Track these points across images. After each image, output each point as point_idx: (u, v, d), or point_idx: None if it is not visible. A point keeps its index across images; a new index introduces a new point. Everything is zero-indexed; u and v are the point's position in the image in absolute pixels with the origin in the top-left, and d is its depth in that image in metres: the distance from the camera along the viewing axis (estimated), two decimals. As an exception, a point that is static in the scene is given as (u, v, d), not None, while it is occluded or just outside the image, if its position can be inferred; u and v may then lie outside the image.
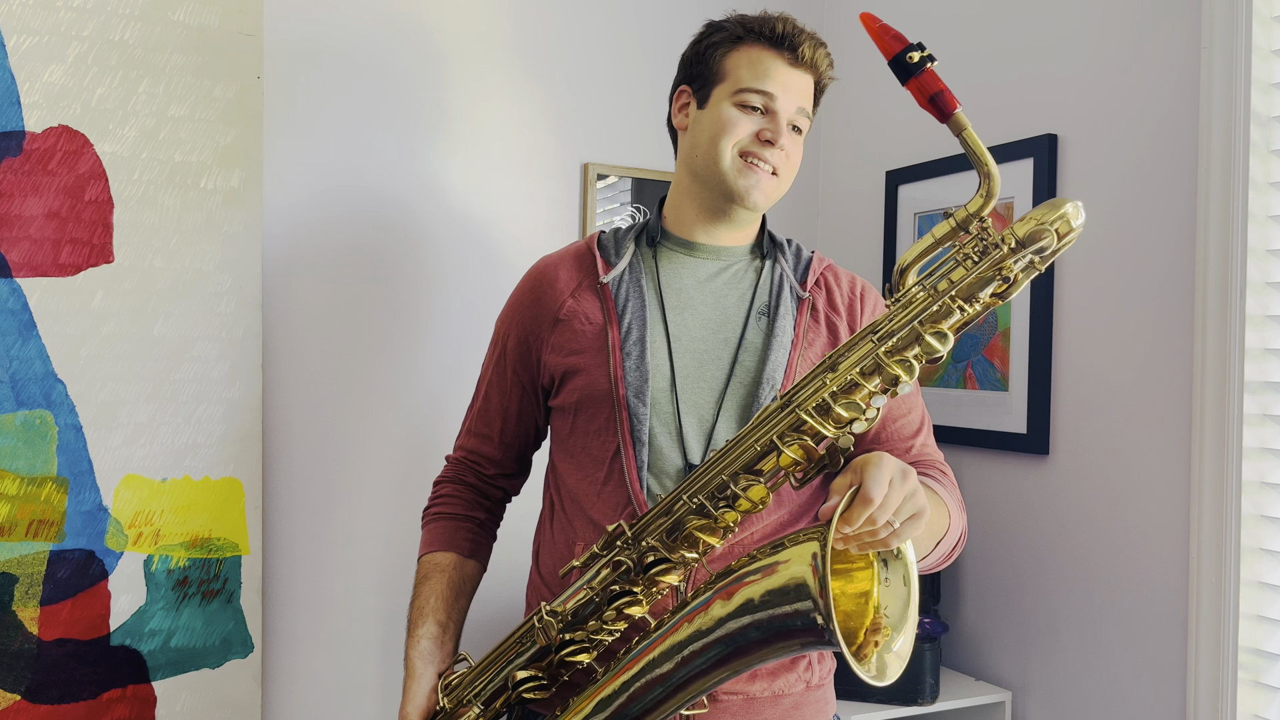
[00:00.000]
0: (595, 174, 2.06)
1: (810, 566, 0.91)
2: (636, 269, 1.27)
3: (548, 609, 1.07)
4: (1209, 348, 1.55)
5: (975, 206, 0.90)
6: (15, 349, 1.53)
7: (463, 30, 1.94)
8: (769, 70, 1.22)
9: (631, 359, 1.21)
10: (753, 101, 1.22)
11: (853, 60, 2.29)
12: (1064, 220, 0.90)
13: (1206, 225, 1.55)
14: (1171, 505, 1.62)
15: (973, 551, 1.97)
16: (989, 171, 0.90)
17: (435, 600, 1.24)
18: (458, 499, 1.35)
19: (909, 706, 1.80)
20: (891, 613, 1.00)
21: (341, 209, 1.85)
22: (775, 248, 1.32)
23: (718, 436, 1.21)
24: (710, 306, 1.26)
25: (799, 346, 1.24)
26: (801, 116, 1.25)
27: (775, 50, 1.22)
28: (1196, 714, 1.56)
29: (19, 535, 1.53)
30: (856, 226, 2.27)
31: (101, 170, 1.58)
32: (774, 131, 1.22)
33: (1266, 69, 1.52)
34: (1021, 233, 0.90)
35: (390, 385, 1.90)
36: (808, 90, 1.25)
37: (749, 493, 1.01)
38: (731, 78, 1.23)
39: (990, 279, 0.93)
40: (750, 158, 1.22)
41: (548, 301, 1.29)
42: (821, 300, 1.29)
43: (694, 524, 1.03)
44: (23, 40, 1.52)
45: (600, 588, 1.06)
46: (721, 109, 1.23)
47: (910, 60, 0.92)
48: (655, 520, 1.05)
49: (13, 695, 1.53)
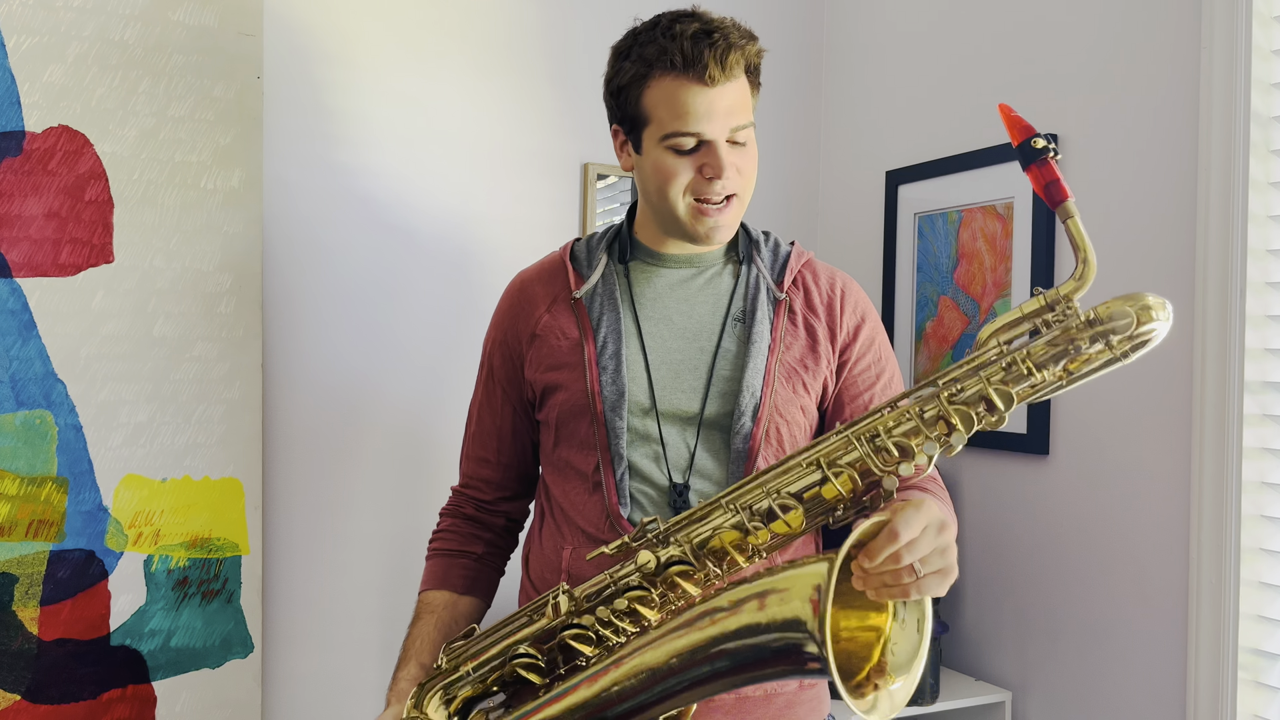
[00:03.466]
0: (595, 174, 2.06)
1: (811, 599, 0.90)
2: (609, 281, 1.25)
3: (566, 587, 1.06)
4: (1209, 348, 1.55)
5: (1067, 290, 0.92)
6: (15, 349, 1.53)
7: (463, 30, 1.94)
8: (687, 105, 1.13)
9: (608, 373, 1.20)
10: (684, 145, 1.15)
11: (853, 61, 2.29)
12: (1146, 310, 0.90)
13: (1206, 225, 1.55)
14: (1171, 505, 1.62)
15: (973, 551, 1.97)
16: (1087, 259, 0.92)
17: (421, 642, 1.23)
18: (454, 534, 1.34)
19: (909, 706, 1.80)
20: (899, 653, 0.97)
21: (341, 209, 1.85)
22: (751, 245, 1.28)
23: (698, 449, 1.20)
24: (685, 315, 1.24)
25: (776, 351, 1.21)
26: (741, 125, 1.17)
27: (686, 78, 1.13)
28: (1196, 714, 1.56)
29: (19, 535, 1.53)
30: (856, 226, 2.27)
31: (101, 170, 1.58)
32: (714, 166, 1.15)
33: (1266, 69, 1.52)
34: (1100, 312, 0.91)
35: (390, 385, 1.90)
36: (736, 99, 1.16)
37: (788, 516, 0.99)
38: (655, 121, 1.16)
39: (1063, 352, 0.92)
40: (703, 201, 1.17)
41: (524, 318, 1.28)
42: (799, 301, 1.25)
43: (726, 537, 1.01)
44: (23, 40, 1.52)
45: (619, 579, 1.04)
46: (657, 156, 1.17)
47: (1035, 146, 0.93)
48: (688, 524, 1.03)
49: (13, 695, 1.53)
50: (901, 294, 2.12)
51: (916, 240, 2.09)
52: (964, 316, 1.98)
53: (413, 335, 1.91)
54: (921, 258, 2.08)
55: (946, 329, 2.02)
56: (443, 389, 1.92)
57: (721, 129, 1.15)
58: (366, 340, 1.87)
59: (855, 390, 1.26)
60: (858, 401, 1.25)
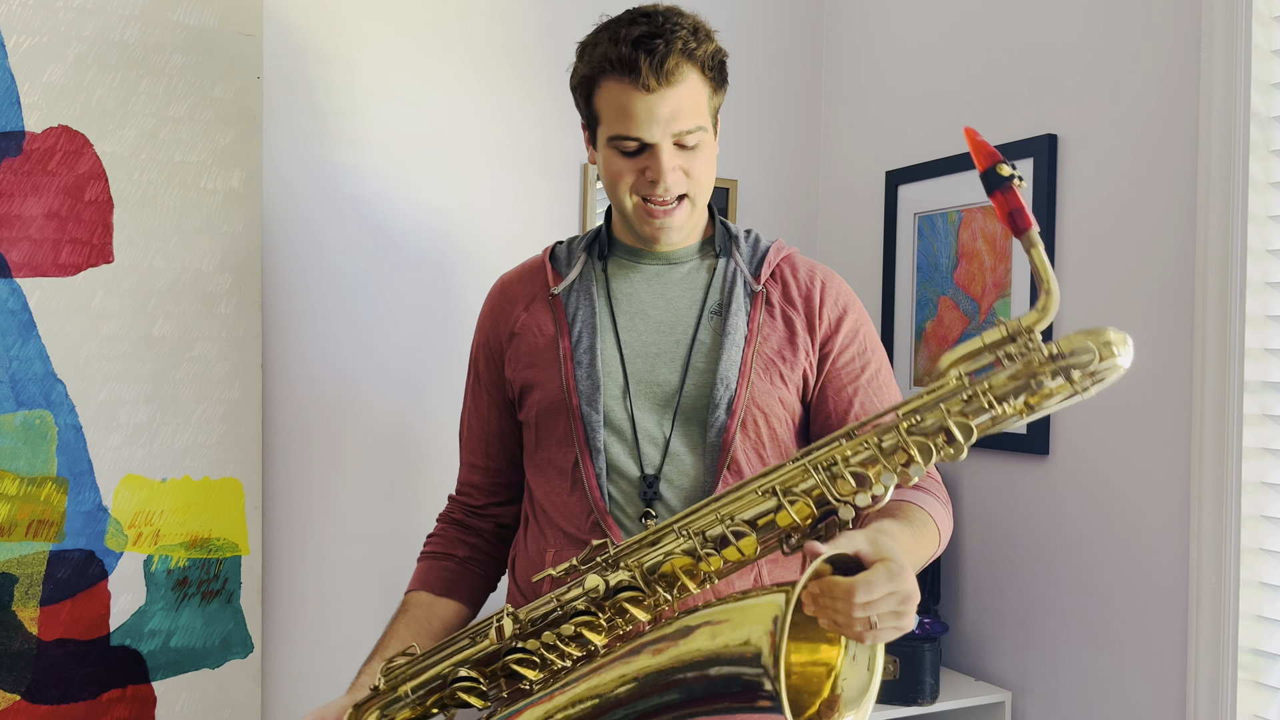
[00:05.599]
0: (595, 174, 2.06)
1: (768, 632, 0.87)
2: (587, 278, 1.26)
3: (510, 610, 1.04)
4: (1209, 348, 1.54)
5: (1029, 321, 0.90)
6: (15, 349, 1.53)
7: (463, 30, 1.94)
8: (627, 109, 1.14)
9: (582, 367, 1.20)
10: (627, 148, 1.17)
11: (853, 61, 2.29)
12: (1107, 345, 0.88)
13: (1206, 225, 1.55)
14: (1171, 505, 1.62)
15: (973, 551, 1.97)
16: (1049, 290, 0.90)
17: (390, 639, 1.23)
18: (440, 538, 1.35)
19: (909, 706, 1.80)
20: (850, 689, 0.95)
21: (341, 209, 1.85)
22: (730, 241, 1.28)
23: (673, 441, 1.20)
24: (661, 310, 1.25)
25: (753, 343, 1.21)
26: (687, 130, 1.16)
27: (626, 83, 1.14)
28: (1196, 714, 1.56)
29: (19, 535, 1.53)
30: (856, 227, 2.27)
31: (101, 170, 1.58)
32: (654, 170, 1.16)
33: (1266, 69, 1.52)
34: (1063, 346, 0.90)
35: (390, 385, 1.90)
36: (682, 103, 1.15)
37: (741, 543, 0.98)
38: (604, 122, 1.19)
39: (1024, 386, 0.91)
40: (649, 201, 1.19)
41: (504, 318, 1.29)
42: (777, 294, 1.25)
43: (678, 563, 0.99)
44: (23, 40, 1.52)
45: (566, 602, 1.02)
46: (606, 155, 1.20)
47: (1000, 173, 0.92)
48: (639, 549, 1.02)
49: (13, 695, 1.52)
50: (901, 294, 2.12)
51: (916, 240, 2.09)
52: (964, 316, 1.98)
53: (413, 335, 1.91)
54: (921, 258, 2.08)
55: (946, 329, 2.02)
56: (441, 389, 1.92)
57: (662, 134, 1.15)
58: (366, 340, 1.87)
59: (840, 383, 1.25)
60: (843, 394, 1.24)
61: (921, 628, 1.82)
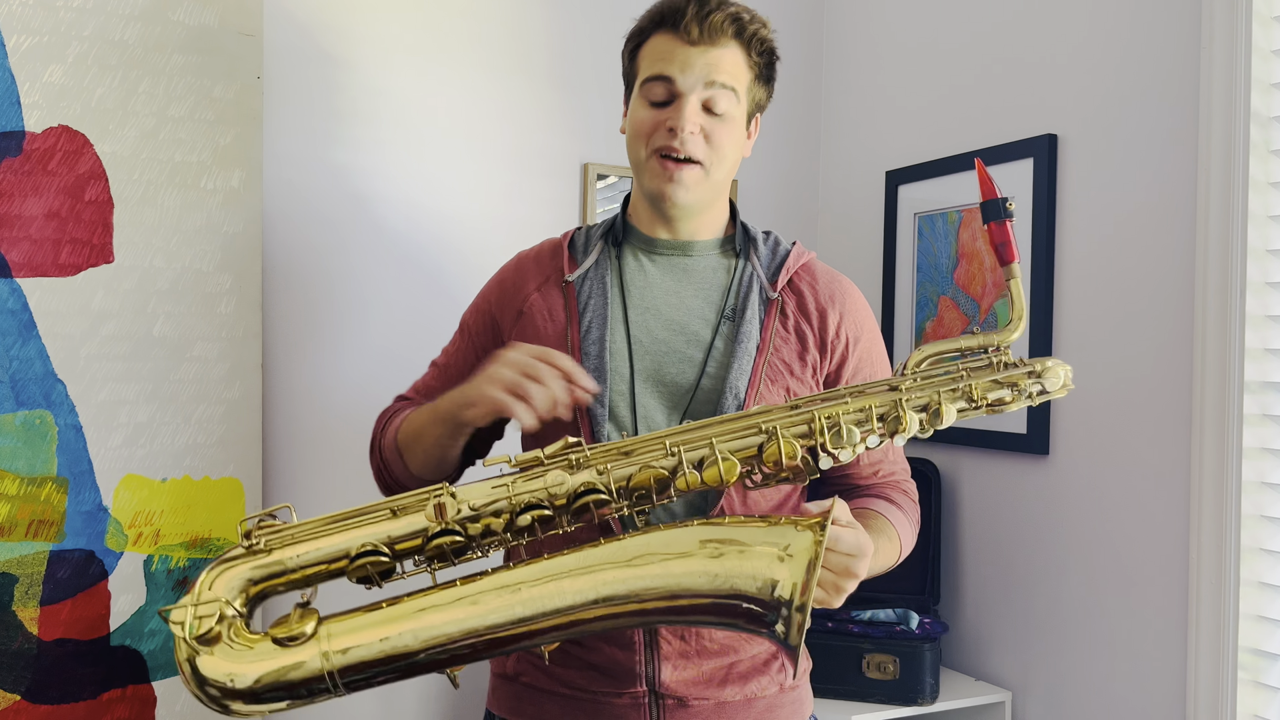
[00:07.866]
0: (595, 174, 2.06)
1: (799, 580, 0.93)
2: (602, 267, 1.25)
3: (450, 489, 0.98)
4: (1209, 348, 1.55)
5: (1005, 339, 1.05)
6: (15, 349, 1.53)
7: (463, 30, 1.94)
8: (666, 54, 1.17)
9: (590, 359, 1.19)
10: (656, 94, 1.18)
11: (853, 61, 2.29)
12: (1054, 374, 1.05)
13: (1206, 225, 1.55)
14: (1171, 505, 1.62)
15: (973, 551, 1.97)
16: (1021, 317, 1.05)
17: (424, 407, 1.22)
18: (415, 402, 1.34)
19: (909, 706, 1.80)
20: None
21: (341, 209, 1.85)
22: (749, 243, 1.27)
23: None
24: (674, 307, 1.23)
25: (765, 352, 1.20)
26: (720, 93, 1.17)
27: (670, 33, 1.17)
28: (1196, 714, 1.56)
29: (19, 535, 1.53)
30: (856, 226, 2.27)
31: (101, 170, 1.58)
32: (676, 119, 1.16)
33: (1266, 69, 1.52)
34: (1038, 366, 1.05)
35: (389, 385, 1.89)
36: (719, 63, 1.16)
37: (724, 465, 0.99)
38: (641, 71, 1.21)
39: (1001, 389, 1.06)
40: (663, 152, 1.18)
41: (514, 292, 1.29)
42: (793, 304, 1.23)
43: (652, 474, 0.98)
44: (23, 40, 1.52)
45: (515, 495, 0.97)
46: (634, 109, 1.21)
47: (1007, 208, 1.03)
48: (615, 455, 1.01)
49: (13, 695, 1.53)
50: (901, 294, 2.12)
51: (916, 240, 2.09)
52: (964, 316, 1.98)
53: (413, 335, 1.91)
54: (921, 258, 2.08)
55: (946, 329, 2.02)
56: (443, 389, 1.92)
57: (693, 82, 1.16)
58: (366, 340, 1.87)
59: None
60: None
61: (921, 627, 1.82)
